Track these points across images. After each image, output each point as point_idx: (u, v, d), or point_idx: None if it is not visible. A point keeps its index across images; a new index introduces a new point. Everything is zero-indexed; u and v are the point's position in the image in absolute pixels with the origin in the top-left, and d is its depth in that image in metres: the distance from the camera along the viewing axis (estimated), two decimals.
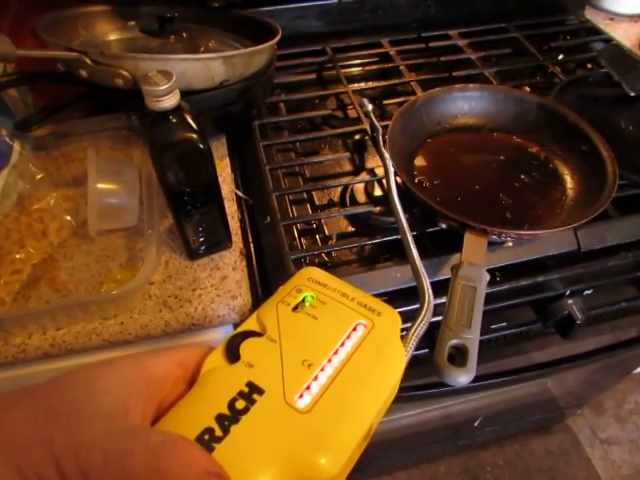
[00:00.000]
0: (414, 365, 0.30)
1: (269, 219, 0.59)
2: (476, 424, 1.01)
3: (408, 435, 1.01)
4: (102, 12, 0.69)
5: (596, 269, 0.58)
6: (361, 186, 0.65)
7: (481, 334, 0.63)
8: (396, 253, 0.57)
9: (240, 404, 0.22)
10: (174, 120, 0.46)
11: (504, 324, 0.63)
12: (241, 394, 0.23)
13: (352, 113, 0.74)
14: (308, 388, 0.23)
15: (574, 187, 0.60)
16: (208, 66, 0.57)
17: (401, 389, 0.29)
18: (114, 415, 0.20)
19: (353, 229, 0.62)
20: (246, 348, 0.25)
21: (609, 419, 1.31)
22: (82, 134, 0.62)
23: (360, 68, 0.82)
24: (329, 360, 0.25)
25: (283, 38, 0.70)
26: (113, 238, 0.60)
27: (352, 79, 0.79)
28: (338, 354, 0.25)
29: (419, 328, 0.28)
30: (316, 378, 0.24)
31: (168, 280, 0.56)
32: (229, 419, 0.22)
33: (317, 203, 0.65)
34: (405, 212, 0.57)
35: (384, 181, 0.58)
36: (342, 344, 0.26)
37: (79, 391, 0.21)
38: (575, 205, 0.57)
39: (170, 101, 0.45)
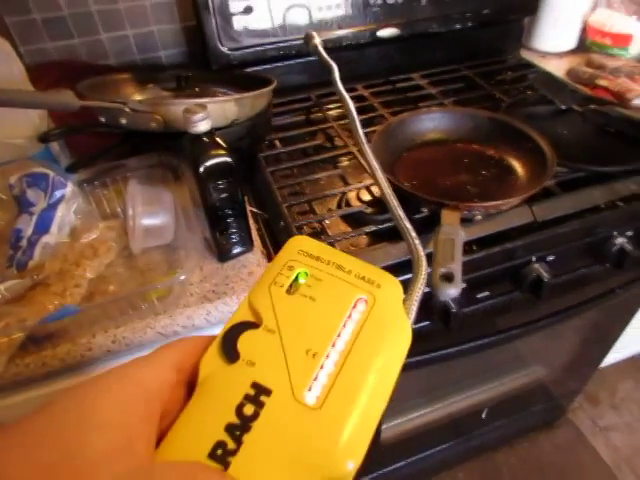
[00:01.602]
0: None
1: (283, 223, 0.72)
2: (483, 416, 1.10)
3: (419, 436, 1.08)
4: (126, 78, 0.85)
5: (551, 236, 0.71)
6: (353, 194, 0.79)
7: (469, 304, 0.75)
8: (389, 241, 0.70)
9: (248, 409, 0.21)
10: (208, 141, 0.60)
11: (487, 293, 0.75)
12: (248, 398, 0.21)
13: (338, 142, 0.89)
14: (316, 379, 0.22)
15: (524, 174, 0.74)
16: (223, 107, 0.72)
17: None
18: (118, 454, 0.18)
19: (351, 229, 0.75)
20: (244, 344, 0.23)
21: (605, 408, 1.40)
22: (121, 173, 0.75)
23: (341, 109, 0.98)
24: (333, 345, 0.23)
25: (275, 90, 0.86)
26: (153, 254, 0.72)
27: (336, 117, 0.95)
28: (341, 337, 0.24)
29: (418, 292, 0.27)
30: (322, 367, 0.22)
31: (204, 280, 0.67)
32: (240, 428, 0.20)
33: (318, 213, 0.79)
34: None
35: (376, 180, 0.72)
36: (344, 325, 0.24)
37: (71, 431, 0.19)
38: (526, 185, 0.71)
39: (205, 125, 0.59)
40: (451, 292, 0.49)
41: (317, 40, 0.86)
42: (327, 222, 0.75)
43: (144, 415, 0.20)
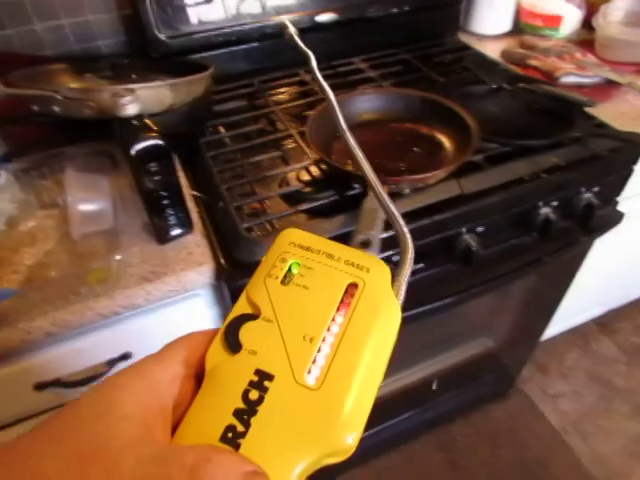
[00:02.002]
0: None
1: (221, 204, 0.73)
2: (434, 387, 1.14)
3: (373, 410, 1.12)
4: (62, 68, 0.85)
5: (479, 207, 0.75)
6: (294, 175, 0.81)
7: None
8: (324, 217, 0.72)
9: (254, 395, 0.22)
10: (138, 124, 0.62)
11: (422, 265, 0.78)
12: (252, 384, 0.23)
13: (280, 126, 0.91)
14: (314, 362, 0.24)
15: (452, 149, 0.78)
16: (157, 92, 0.73)
17: None
18: (140, 440, 0.20)
19: (290, 208, 0.77)
20: (245, 335, 0.25)
21: (554, 377, 1.47)
22: (60, 162, 0.76)
23: (283, 94, 1.00)
24: (328, 329, 0.25)
25: (217, 77, 0.87)
26: (94, 240, 0.73)
27: (278, 102, 0.97)
28: (335, 321, 0.25)
29: (406, 273, 0.28)
30: (319, 350, 0.24)
31: (144, 261, 0.69)
32: (247, 412, 0.22)
33: (258, 193, 0.80)
34: (329, 188, 0.75)
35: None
36: (337, 309, 0.26)
37: (99, 424, 0.21)
38: (453, 160, 0.75)
39: (133, 109, 0.61)
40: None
41: (292, 29, 0.87)
42: (268, 202, 0.77)
43: (159, 407, 0.22)
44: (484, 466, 1.28)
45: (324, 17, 1.00)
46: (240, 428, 0.21)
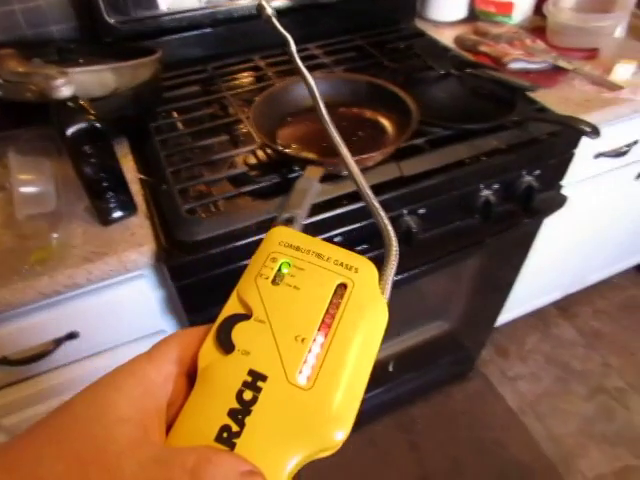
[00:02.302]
0: None
1: (165, 186, 0.74)
2: (390, 369, 1.16)
3: None
4: (9, 53, 0.85)
5: (419, 189, 0.76)
6: (241, 159, 0.82)
7: None
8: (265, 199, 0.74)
9: (247, 395, 0.23)
10: (73, 106, 0.62)
11: (366, 246, 0.80)
12: (246, 384, 0.23)
13: (231, 111, 0.92)
14: (305, 362, 0.24)
15: (394, 133, 0.80)
16: (100, 76, 0.74)
17: None
18: (139, 442, 0.20)
19: (235, 190, 0.78)
20: (238, 335, 0.25)
21: (514, 360, 1.51)
22: (4, 145, 0.76)
23: (237, 80, 1.01)
24: (319, 329, 0.25)
25: (171, 63, 0.88)
26: (39, 222, 0.73)
27: (231, 88, 0.98)
28: (325, 321, 0.26)
29: (391, 270, 0.28)
30: (310, 350, 0.24)
31: (87, 242, 0.70)
32: (241, 412, 0.22)
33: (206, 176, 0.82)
34: (273, 171, 0.77)
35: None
36: (327, 310, 0.26)
37: (97, 426, 0.21)
38: (392, 143, 0.77)
39: (67, 91, 0.61)
40: None
41: (269, 11, 0.87)
42: (214, 185, 0.78)
43: (154, 407, 0.22)
44: (442, 447, 1.31)
45: (277, 3, 1.01)
46: (235, 428, 0.22)
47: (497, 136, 0.82)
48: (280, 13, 1.03)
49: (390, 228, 0.30)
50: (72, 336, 0.75)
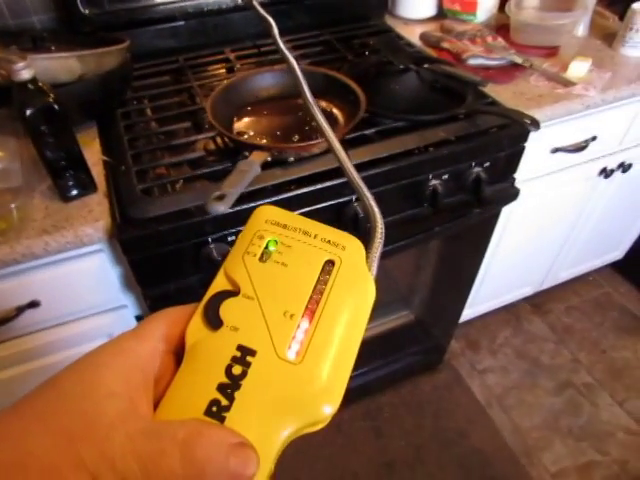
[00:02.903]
0: None
1: (123, 167, 0.79)
2: None
3: None
4: None
5: (366, 177, 0.80)
6: (201, 144, 0.86)
7: None
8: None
9: (237, 370, 0.23)
10: (32, 88, 0.67)
11: None
12: (235, 359, 0.23)
13: (198, 100, 0.97)
14: (294, 337, 0.24)
15: (344, 123, 0.84)
16: (66, 62, 0.79)
17: None
18: (128, 416, 0.20)
19: (191, 172, 0.83)
20: (226, 311, 0.25)
21: (484, 354, 1.53)
22: None
23: (207, 72, 1.06)
24: (307, 306, 0.25)
25: (144, 54, 0.92)
26: (4, 198, 0.78)
27: (201, 78, 1.02)
28: (313, 298, 0.26)
29: (377, 248, 0.29)
30: (299, 326, 0.25)
31: (47, 217, 0.75)
32: (230, 387, 0.23)
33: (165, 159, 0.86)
34: (229, 156, 0.81)
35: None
36: (315, 286, 0.26)
37: (85, 402, 0.20)
38: (340, 131, 0.81)
39: (27, 74, 0.66)
40: (219, 208, 0.58)
41: None
42: (174, 168, 0.82)
43: (142, 383, 0.22)
44: (406, 435, 1.34)
45: None
46: (224, 402, 0.22)
47: (445, 128, 0.86)
48: (248, 8, 1.09)
49: (375, 206, 0.30)
50: (34, 304, 0.80)
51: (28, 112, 0.67)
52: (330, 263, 0.27)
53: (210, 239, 0.75)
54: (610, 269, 1.75)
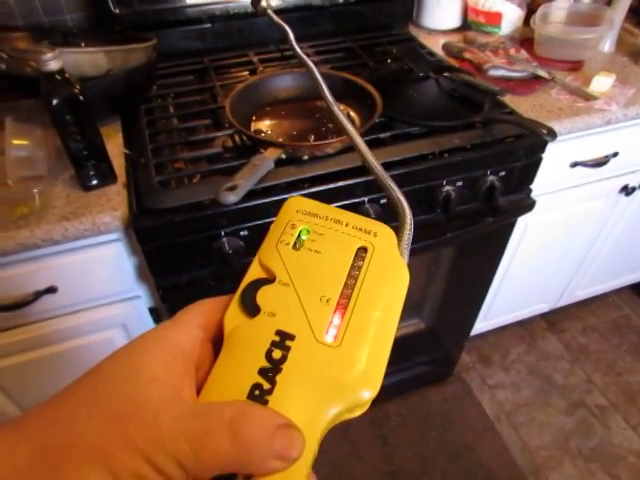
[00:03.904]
0: None
1: (143, 160, 0.81)
2: None
3: None
4: (23, 36, 0.95)
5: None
6: (220, 141, 0.88)
7: None
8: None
9: (277, 354, 0.23)
10: (59, 78, 0.70)
11: None
12: (274, 344, 0.24)
13: (220, 100, 0.99)
14: (331, 321, 0.24)
15: (359, 125, 0.85)
16: (93, 57, 0.82)
17: None
18: (172, 400, 0.21)
19: (208, 167, 0.84)
20: (262, 298, 0.25)
21: (496, 369, 1.51)
22: (4, 115, 0.85)
23: (230, 73, 1.08)
24: (343, 291, 0.26)
25: (171, 54, 0.95)
26: (27, 183, 0.81)
27: (223, 79, 1.05)
28: (349, 283, 0.26)
29: (408, 235, 0.29)
30: (336, 311, 0.25)
31: (68, 205, 0.77)
32: (272, 370, 0.23)
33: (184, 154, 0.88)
34: (245, 155, 0.83)
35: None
36: (349, 272, 0.26)
37: (129, 386, 0.21)
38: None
39: (55, 65, 0.69)
40: (230, 199, 0.59)
41: (265, 3, 0.95)
42: (192, 163, 0.84)
43: (184, 369, 0.23)
44: (412, 445, 1.33)
45: (273, 3, 1.08)
46: (266, 385, 0.22)
47: (461, 135, 0.86)
48: (275, 13, 1.11)
49: (402, 196, 0.31)
50: (51, 290, 0.82)
51: (54, 102, 0.70)
52: (363, 250, 0.27)
53: (223, 232, 0.76)
54: (630, 290, 1.71)
